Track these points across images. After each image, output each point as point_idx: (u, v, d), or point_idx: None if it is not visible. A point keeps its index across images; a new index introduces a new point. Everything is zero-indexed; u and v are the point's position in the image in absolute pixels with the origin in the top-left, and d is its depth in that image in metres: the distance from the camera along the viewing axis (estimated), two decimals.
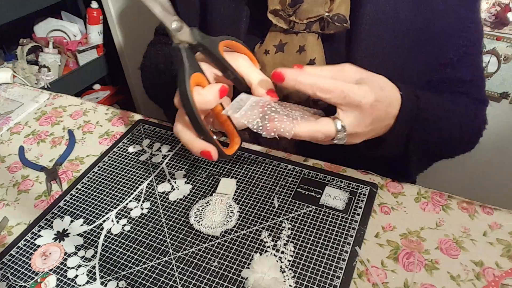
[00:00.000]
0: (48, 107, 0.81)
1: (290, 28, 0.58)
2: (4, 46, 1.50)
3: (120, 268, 0.50)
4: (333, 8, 0.56)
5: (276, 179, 0.59)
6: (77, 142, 0.71)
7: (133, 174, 0.63)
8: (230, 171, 0.61)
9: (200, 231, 0.53)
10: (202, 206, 0.56)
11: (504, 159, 1.11)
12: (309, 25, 0.57)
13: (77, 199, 0.60)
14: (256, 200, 0.56)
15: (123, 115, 0.76)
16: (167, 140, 0.68)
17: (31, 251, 0.54)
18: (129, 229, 0.55)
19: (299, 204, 0.55)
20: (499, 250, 0.48)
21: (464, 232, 0.50)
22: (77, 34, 1.59)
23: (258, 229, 0.53)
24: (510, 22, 0.96)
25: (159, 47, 0.74)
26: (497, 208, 0.53)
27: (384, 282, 0.46)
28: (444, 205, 0.54)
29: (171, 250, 0.52)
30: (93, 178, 0.63)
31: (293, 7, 0.55)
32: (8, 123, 0.77)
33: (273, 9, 0.57)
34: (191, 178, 0.61)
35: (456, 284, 0.45)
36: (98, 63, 1.59)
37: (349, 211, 0.53)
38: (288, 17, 0.57)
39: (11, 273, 0.51)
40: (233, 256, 0.50)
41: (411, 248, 0.49)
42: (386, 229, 0.51)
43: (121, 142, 0.69)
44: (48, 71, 1.43)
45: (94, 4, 1.49)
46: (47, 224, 0.57)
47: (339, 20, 0.56)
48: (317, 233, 0.51)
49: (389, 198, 0.55)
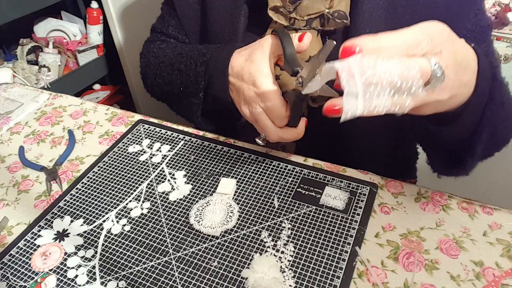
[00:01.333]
0: (48, 107, 0.81)
1: (291, 25, 0.58)
2: (4, 46, 1.50)
3: (120, 268, 0.50)
4: (333, 4, 0.56)
5: (276, 179, 0.59)
6: (77, 142, 0.71)
7: (133, 174, 0.63)
8: (230, 171, 0.61)
9: (200, 231, 0.53)
10: (202, 206, 0.56)
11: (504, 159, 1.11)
12: (309, 22, 0.57)
13: (77, 199, 0.60)
14: (256, 200, 0.56)
15: (123, 115, 0.76)
16: (167, 140, 0.68)
17: (31, 251, 0.54)
18: (129, 229, 0.55)
19: (299, 204, 0.55)
20: (499, 250, 0.48)
21: (464, 232, 0.50)
22: (77, 34, 1.59)
23: (258, 229, 0.53)
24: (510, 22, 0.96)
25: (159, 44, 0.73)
26: (497, 208, 0.53)
27: (384, 282, 0.46)
28: (444, 205, 0.54)
29: (171, 250, 0.52)
30: (93, 178, 0.63)
31: (293, 3, 0.55)
32: (8, 123, 0.77)
33: (273, 6, 0.57)
34: (191, 178, 0.61)
35: (456, 284, 0.45)
36: (98, 63, 1.59)
37: (349, 211, 0.53)
38: (289, 14, 0.57)
39: (11, 273, 0.51)
40: (233, 256, 0.50)
41: (411, 248, 0.49)
42: (386, 229, 0.51)
43: (121, 142, 0.69)
44: (48, 71, 1.43)
45: (94, 4, 1.49)
46: (47, 224, 0.57)
47: (339, 16, 0.56)
48: (317, 233, 0.51)
49: (389, 198, 0.55)
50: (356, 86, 0.33)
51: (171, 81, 0.66)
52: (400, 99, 0.34)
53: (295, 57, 0.49)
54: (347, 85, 0.33)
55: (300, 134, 0.53)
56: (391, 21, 0.57)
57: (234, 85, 0.55)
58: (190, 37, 0.72)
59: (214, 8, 0.66)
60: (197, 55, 0.61)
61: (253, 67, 0.52)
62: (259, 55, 0.52)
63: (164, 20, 0.75)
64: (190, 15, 0.70)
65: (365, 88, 0.33)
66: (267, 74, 0.51)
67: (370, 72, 0.33)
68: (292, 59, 0.49)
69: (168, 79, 0.67)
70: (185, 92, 0.64)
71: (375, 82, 0.33)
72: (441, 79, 0.36)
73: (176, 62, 0.65)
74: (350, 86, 0.33)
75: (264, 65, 0.52)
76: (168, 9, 0.74)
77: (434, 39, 0.36)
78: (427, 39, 0.35)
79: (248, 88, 0.53)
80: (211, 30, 0.67)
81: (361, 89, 0.33)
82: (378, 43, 0.35)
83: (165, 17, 0.75)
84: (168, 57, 0.68)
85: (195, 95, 0.62)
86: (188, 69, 0.62)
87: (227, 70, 0.55)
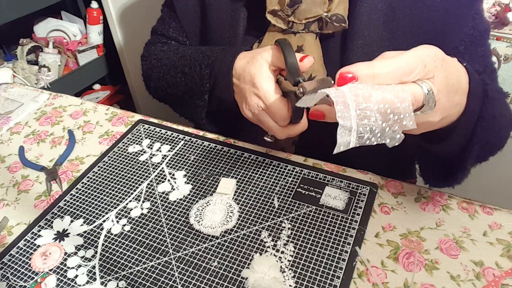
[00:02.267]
0: (48, 107, 0.81)
1: (289, 28, 0.58)
2: (4, 46, 1.50)
3: (120, 268, 0.50)
4: (331, 8, 0.56)
5: (276, 179, 0.59)
6: (77, 142, 0.71)
7: (133, 174, 0.63)
8: (230, 171, 0.61)
9: (200, 231, 0.53)
10: (202, 206, 0.56)
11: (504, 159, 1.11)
12: (308, 25, 0.57)
13: (77, 199, 0.60)
14: (256, 200, 0.56)
15: (123, 115, 0.76)
16: (167, 140, 0.68)
17: (31, 251, 0.54)
18: (129, 229, 0.55)
19: (299, 204, 0.55)
20: (499, 250, 0.48)
21: (464, 232, 0.50)
22: (77, 34, 1.59)
23: (258, 229, 0.53)
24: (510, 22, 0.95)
25: (160, 46, 0.73)
26: (497, 208, 0.53)
27: (384, 282, 0.46)
28: (444, 205, 0.54)
29: (171, 250, 0.52)
30: (93, 178, 0.63)
31: (291, 7, 0.55)
32: (8, 123, 0.77)
33: (271, 9, 0.57)
34: (191, 178, 0.61)
35: (456, 284, 0.45)
36: (98, 63, 1.58)
37: (349, 211, 0.53)
38: (287, 17, 0.57)
39: (11, 273, 0.51)
40: (233, 256, 0.50)
41: (411, 248, 0.49)
42: (386, 229, 0.51)
43: (121, 142, 0.69)
44: (48, 71, 1.43)
45: (94, 4, 1.49)
46: (47, 224, 0.57)
47: (338, 20, 0.56)
48: (317, 233, 0.51)
49: (389, 198, 0.55)
50: (350, 121, 0.33)
51: (175, 83, 0.66)
52: (391, 133, 0.35)
53: (296, 66, 0.49)
54: (342, 120, 0.33)
55: (305, 126, 0.53)
56: (389, 24, 0.57)
57: (237, 86, 0.56)
58: (191, 39, 0.72)
59: (213, 10, 0.66)
60: (201, 58, 0.62)
61: (254, 69, 0.52)
62: (260, 58, 0.53)
63: (164, 22, 0.75)
64: (190, 17, 0.70)
65: (359, 122, 0.33)
66: (267, 76, 0.52)
67: (364, 105, 0.34)
68: (294, 68, 0.49)
69: (172, 81, 0.67)
70: (189, 94, 0.64)
71: (368, 115, 0.34)
72: (432, 106, 0.37)
73: (180, 64, 0.65)
74: (345, 120, 0.33)
75: (264, 67, 0.52)
76: (168, 11, 0.74)
77: (428, 65, 0.36)
78: (421, 65, 0.36)
79: (249, 89, 0.53)
80: (211, 32, 0.67)
81: (355, 124, 0.33)
82: (372, 70, 0.35)
83: (166, 19, 0.75)
84: (171, 60, 0.68)
85: (200, 97, 0.62)
86: (193, 71, 0.62)
87: (232, 72, 0.56)
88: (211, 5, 0.66)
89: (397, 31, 0.57)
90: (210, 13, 0.66)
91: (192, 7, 0.69)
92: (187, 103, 0.66)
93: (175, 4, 0.70)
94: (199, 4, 0.68)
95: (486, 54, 0.60)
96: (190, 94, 0.64)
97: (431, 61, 0.37)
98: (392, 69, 0.36)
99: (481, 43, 0.59)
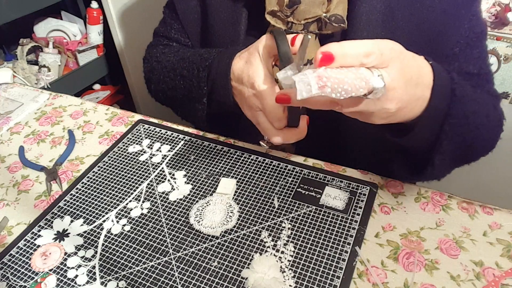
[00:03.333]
0: (48, 107, 0.81)
1: (288, 29, 0.58)
2: (4, 46, 1.50)
3: (120, 268, 0.50)
4: (330, 8, 0.56)
5: (276, 179, 0.59)
6: (77, 142, 0.71)
7: (133, 174, 0.63)
8: (230, 171, 0.61)
9: (200, 231, 0.53)
10: (202, 206, 0.56)
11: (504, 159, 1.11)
12: (307, 26, 0.57)
13: (77, 199, 0.60)
14: (256, 200, 0.56)
15: (123, 115, 0.76)
16: (167, 140, 0.68)
17: (31, 251, 0.54)
18: (129, 229, 0.55)
19: (299, 204, 0.55)
20: (499, 250, 0.48)
21: (464, 232, 0.50)
22: (77, 34, 1.59)
23: (258, 229, 0.53)
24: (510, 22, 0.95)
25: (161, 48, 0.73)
26: (497, 208, 0.53)
27: (384, 282, 0.46)
28: (444, 205, 0.54)
29: (171, 250, 0.52)
30: (93, 178, 0.63)
31: (290, 8, 0.55)
32: (8, 123, 0.77)
33: (270, 10, 0.57)
34: (191, 178, 0.61)
35: (456, 284, 0.45)
36: (98, 63, 1.59)
37: (349, 211, 0.53)
38: (286, 18, 0.57)
39: (11, 273, 0.51)
40: (233, 256, 0.50)
41: (411, 248, 0.49)
42: (386, 229, 0.51)
43: (121, 142, 0.69)
44: (48, 71, 1.43)
45: (94, 4, 1.49)
46: (47, 224, 0.57)
47: (337, 20, 0.56)
48: (317, 233, 0.51)
49: (389, 198, 0.55)
50: (308, 77, 0.36)
51: (175, 86, 0.66)
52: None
53: (289, 55, 0.49)
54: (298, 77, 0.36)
55: (303, 133, 0.53)
56: (388, 25, 0.57)
57: (236, 89, 0.55)
58: (192, 40, 0.72)
59: (214, 11, 0.66)
60: (199, 60, 0.61)
61: (251, 70, 0.52)
62: (256, 57, 0.52)
63: (166, 23, 0.75)
64: (192, 18, 0.70)
65: (318, 81, 0.36)
66: (264, 76, 0.52)
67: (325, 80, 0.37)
68: (286, 57, 0.48)
69: (172, 84, 0.67)
70: (188, 97, 0.64)
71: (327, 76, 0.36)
72: (382, 90, 0.39)
73: (179, 67, 0.65)
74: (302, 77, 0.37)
75: (261, 67, 0.52)
76: (170, 12, 0.74)
77: (384, 54, 0.39)
78: (378, 53, 0.38)
79: (248, 90, 0.53)
80: (213, 33, 0.67)
81: (313, 80, 0.36)
82: (343, 50, 0.38)
83: (167, 21, 0.75)
84: (171, 62, 0.67)
85: (198, 101, 0.62)
86: (191, 74, 0.62)
87: (229, 75, 0.55)
88: (212, 5, 0.66)
89: (395, 31, 0.57)
90: (211, 13, 0.66)
91: (193, 8, 0.69)
92: (187, 106, 0.66)
93: (176, 5, 0.70)
94: (200, 5, 0.68)
95: (481, 56, 0.61)
96: (189, 97, 0.64)
97: (387, 52, 0.39)
98: (358, 50, 0.38)
99: (476, 45, 0.59)
